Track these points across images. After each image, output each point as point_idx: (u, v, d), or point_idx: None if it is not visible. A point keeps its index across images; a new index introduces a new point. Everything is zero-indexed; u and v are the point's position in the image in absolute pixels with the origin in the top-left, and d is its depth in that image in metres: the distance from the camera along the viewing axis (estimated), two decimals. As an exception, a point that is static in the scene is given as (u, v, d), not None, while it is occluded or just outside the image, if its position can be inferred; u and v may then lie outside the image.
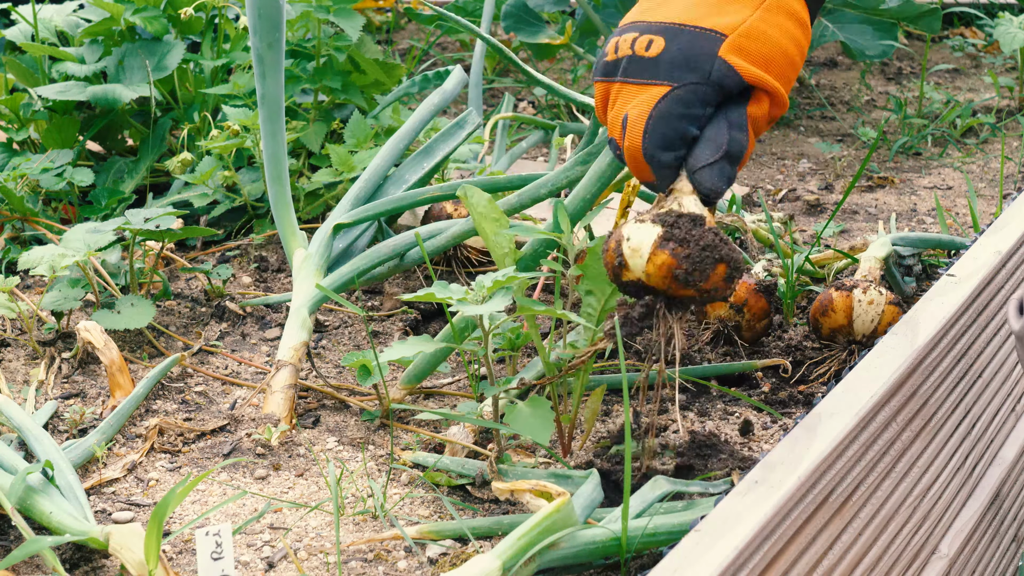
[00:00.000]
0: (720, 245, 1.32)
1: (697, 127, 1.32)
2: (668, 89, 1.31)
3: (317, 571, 1.33)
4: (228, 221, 2.26)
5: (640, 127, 1.32)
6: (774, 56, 1.32)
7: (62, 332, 1.87)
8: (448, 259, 2.07)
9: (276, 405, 1.62)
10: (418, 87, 2.43)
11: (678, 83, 1.31)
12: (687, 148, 1.33)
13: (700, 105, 1.31)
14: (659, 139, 1.32)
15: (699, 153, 1.33)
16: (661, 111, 1.31)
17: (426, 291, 1.41)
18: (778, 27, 1.33)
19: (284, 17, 1.81)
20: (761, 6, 1.33)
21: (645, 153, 1.32)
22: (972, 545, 1.34)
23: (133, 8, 2.36)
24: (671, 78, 1.31)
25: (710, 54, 1.31)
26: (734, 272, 1.33)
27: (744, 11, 1.32)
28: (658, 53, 1.32)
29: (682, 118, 1.31)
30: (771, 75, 1.33)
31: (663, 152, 1.32)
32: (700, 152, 1.32)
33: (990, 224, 1.68)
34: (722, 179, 1.32)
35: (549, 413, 1.41)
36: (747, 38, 1.32)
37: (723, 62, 1.31)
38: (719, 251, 1.31)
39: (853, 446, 1.17)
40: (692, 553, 0.99)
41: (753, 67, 1.31)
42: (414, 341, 1.44)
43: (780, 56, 1.33)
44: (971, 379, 1.42)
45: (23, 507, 1.34)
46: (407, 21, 4.07)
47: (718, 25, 1.32)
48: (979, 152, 2.85)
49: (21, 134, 2.35)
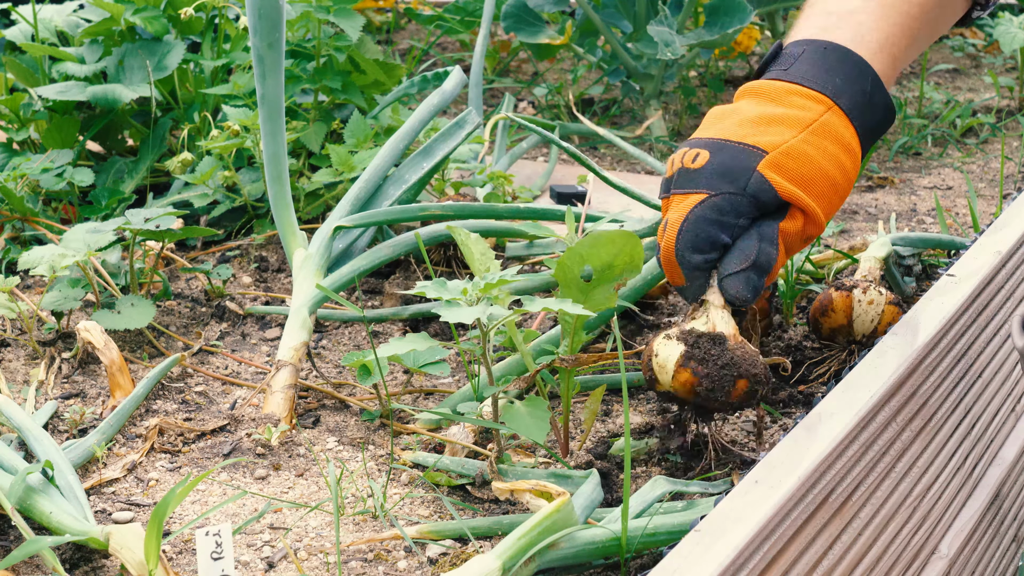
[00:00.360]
0: (740, 363, 1.39)
1: (729, 236, 1.37)
2: (705, 196, 1.37)
3: (317, 571, 1.33)
4: (228, 221, 2.26)
5: (675, 229, 1.38)
6: (813, 176, 1.37)
7: (62, 332, 1.87)
8: (448, 259, 2.07)
9: (276, 405, 1.62)
10: (417, 87, 2.43)
11: (715, 192, 1.37)
12: (718, 254, 1.38)
13: (734, 214, 1.37)
14: (690, 241, 1.37)
15: (728, 261, 1.38)
16: (696, 215, 1.37)
17: (420, 288, 1.41)
18: (820, 150, 1.38)
19: (284, 17, 1.81)
20: (807, 129, 1.38)
21: (677, 254, 1.38)
22: (972, 545, 1.34)
23: (133, 8, 2.36)
24: (710, 187, 1.37)
25: (749, 168, 1.37)
26: (756, 386, 1.41)
27: (788, 132, 1.38)
28: (702, 165, 1.38)
29: (714, 224, 1.37)
30: (808, 194, 1.37)
31: (693, 254, 1.37)
32: (729, 261, 1.38)
33: (990, 224, 1.68)
34: (748, 288, 1.38)
35: (545, 413, 1.41)
36: (787, 156, 1.37)
37: (760, 176, 1.36)
38: (738, 368, 1.39)
39: (853, 446, 1.17)
40: (692, 553, 0.99)
41: (789, 184, 1.37)
42: (411, 338, 1.44)
43: (819, 177, 1.38)
44: (971, 379, 1.42)
45: (23, 507, 1.34)
46: (407, 21, 4.07)
47: (761, 142, 1.38)
48: (979, 152, 2.85)
49: (21, 134, 2.35)
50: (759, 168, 1.36)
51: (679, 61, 2.90)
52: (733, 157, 1.38)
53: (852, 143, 1.41)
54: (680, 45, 2.63)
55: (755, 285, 1.38)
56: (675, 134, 2.94)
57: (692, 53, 2.92)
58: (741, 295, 1.38)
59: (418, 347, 1.43)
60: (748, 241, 1.38)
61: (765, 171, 1.36)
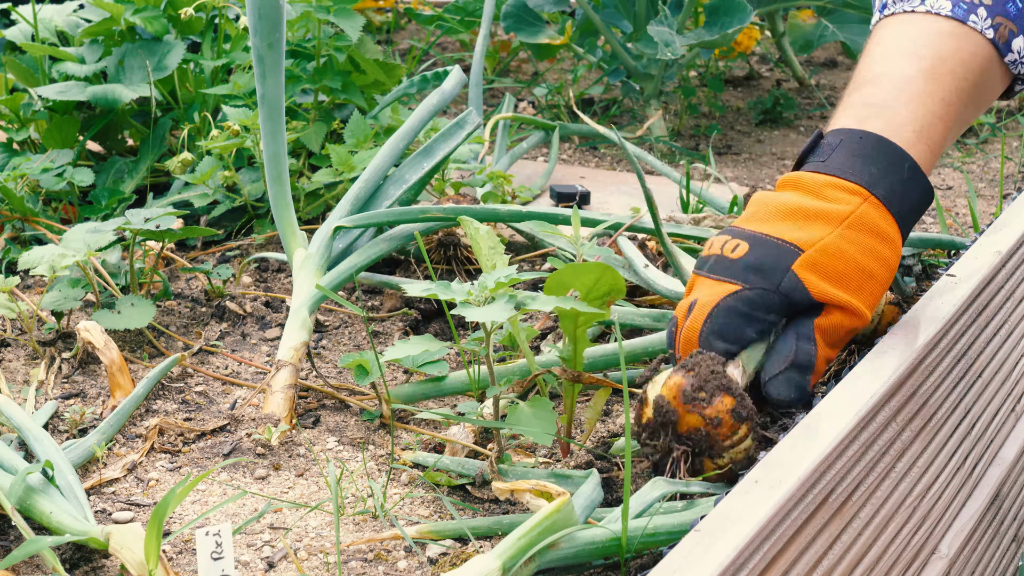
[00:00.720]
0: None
1: (756, 332, 1.39)
2: (739, 288, 1.39)
3: (317, 571, 1.33)
4: (228, 221, 2.26)
5: (704, 312, 1.39)
6: (848, 272, 1.39)
7: (62, 332, 1.87)
8: (448, 259, 2.07)
9: (276, 405, 1.62)
10: (417, 87, 2.43)
11: (749, 285, 1.39)
12: (740, 347, 1.39)
13: (764, 310, 1.39)
14: (718, 328, 1.39)
15: (768, 366, 1.40)
16: (727, 304, 1.39)
17: (429, 289, 1.41)
18: (856, 244, 1.40)
19: (284, 17, 1.81)
20: (843, 223, 1.40)
21: (701, 335, 1.39)
22: (972, 545, 1.34)
23: (133, 8, 2.36)
24: (744, 280, 1.39)
25: (784, 267, 1.39)
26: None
27: (825, 229, 1.40)
28: (740, 256, 1.40)
29: (743, 316, 1.38)
30: (844, 290, 1.39)
31: (717, 340, 1.38)
32: (769, 365, 1.40)
33: (990, 224, 1.68)
34: (790, 388, 1.39)
35: (552, 414, 1.41)
36: (822, 253, 1.39)
37: (794, 275, 1.38)
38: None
39: (853, 446, 1.17)
40: (692, 553, 0.99)
41: (823, 282, 1.38)
42: (416, 340, 1.44)
43: (855, 272, 1.40)
44: (971, 379, 1.42)
45: (23, 507, 1.34)
46: (407, 21, 4.07)
47: (798, 240, 1.39)
48: (979, 152, 2.85)
49: (21, 134, 2.35)
50: (794, 267, 1.39)
51: (679, 61, 2.90)
52: (770, 253, 1.40)
53: (889, 231, 1.42)
54: (680, 45, 2.63)
55: (798, 384, 1.39)
56: (675, 134, 2.94)
57: (692, 53, 2.92)
58: (785, 396, 1.39)
59: (430, 348, 1.43)
60: (785, 342, 1.40)
61: (799, 270, 1.38)
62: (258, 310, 1.98)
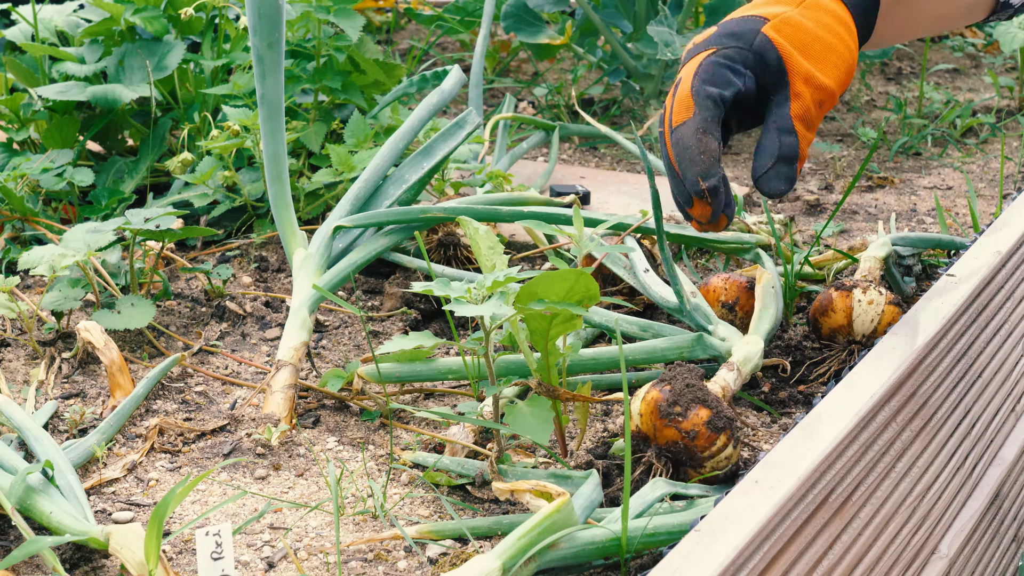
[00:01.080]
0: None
1: (741, 81, 1.44)
2: (715, 50, 1.45)
3: (317, 571, 1.33)
4: (228, 221, 2.26)
5: (691, 74, 1.44)
6: (809, 42, 1.46)
7: (62, 332, 1.87)
8: (448, 259, 2.07)
9: (276, 405, 1.62)
10: (417, 87, 2.43)
11: (725, 45, 1.46)
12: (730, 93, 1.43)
13: (742, 64, 1.44)
14: (707, 77, 1.43)
15: (756, 164, 1.44)
16: (710, 60, 1.44)
17: (426, 286, 1.41)
18: (814, 20, 1.47)
19: (284, 17, 1.81)
20: (801, 4, 1.48)
21: (692, 88, 1.43)
22: (972, 545, 1.34)
23: (133, 8, 2.36)
24: (720, 43, 1.46)
25: (755, 30, 1.46)
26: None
27: (786, 7, 1.49)
28: (710, 34, 1.48)
29: (726, 67, 1.44)
30: (807, 60, 1.45)
31: (708, 86, 1.42)
32: (757, 162, 1.44)
33: (990, 224, 1.68)
34: (780, 181, 1.43)
35: (549, 414, 1.41)
36: (785, 23, 1.46)
37: (764, 36, 1.45)
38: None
39: (853, 446, 1.17)
40: (692, 553, 0.99)
41: (790, 48, 1.45)
42: (414, 336, 1.44)
43: (815, 43, 1.46)
44: (971, 379, 1.42)
45: (23, 507, 1.34)
46: (407, 21, 4.07)
47: (764, 13, 1.48)
48: (979, 152, 2.85)
49: (21, 134, 2.35)
50: (763, 30, 1.45)
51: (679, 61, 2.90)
52: (739, 23, 1.47)
53: (843, 15, 1.49)
54: (680, 45, 2.63)
55: (787, 175, 1.43)
56: (675, 134, 2.94)
57: (692, 53, 2.92)
58: (776, 189, 1.43)
59: (425, 343, 1.43)
60: (767, 138, 1.44)
61: (768, 32, 1.45)
62: (258, 310, 1.98)
